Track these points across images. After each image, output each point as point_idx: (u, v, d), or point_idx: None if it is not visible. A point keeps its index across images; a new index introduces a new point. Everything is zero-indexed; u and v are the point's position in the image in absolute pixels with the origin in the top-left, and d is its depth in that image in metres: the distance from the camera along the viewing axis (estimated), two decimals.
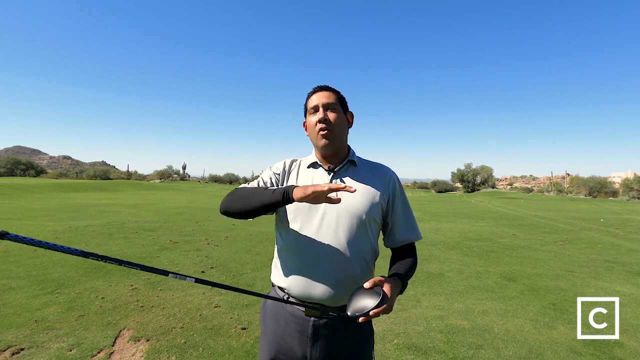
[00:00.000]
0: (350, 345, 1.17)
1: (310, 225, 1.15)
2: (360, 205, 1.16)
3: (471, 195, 38.12)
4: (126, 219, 9.50)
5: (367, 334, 1.22)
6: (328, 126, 1.19)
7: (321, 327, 1.14)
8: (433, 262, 5.45)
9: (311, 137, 1.26)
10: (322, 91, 1.24)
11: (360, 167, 1.26)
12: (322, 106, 1.20)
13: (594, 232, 9.10)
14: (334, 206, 1.15)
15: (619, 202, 26.98)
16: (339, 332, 1.16)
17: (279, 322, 1.20)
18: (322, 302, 1.14)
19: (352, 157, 1.26)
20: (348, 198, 1.17)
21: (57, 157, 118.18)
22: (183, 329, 2.94)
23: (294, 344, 1.16)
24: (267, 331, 1.24)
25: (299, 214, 1.17)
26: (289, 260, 1.19)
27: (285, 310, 1.19)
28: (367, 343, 1.22)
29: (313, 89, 1.27)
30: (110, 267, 4.65)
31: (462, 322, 3.22)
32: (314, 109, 1.22)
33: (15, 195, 16.93)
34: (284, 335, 1.18)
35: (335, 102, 1.22)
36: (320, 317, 1.14)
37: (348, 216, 1.15)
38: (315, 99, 1.22)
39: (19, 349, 2.52)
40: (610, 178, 41.58)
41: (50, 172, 52.34)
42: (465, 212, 14.84)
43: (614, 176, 47.84)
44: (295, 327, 1.16)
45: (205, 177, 55.75)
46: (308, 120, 1.25)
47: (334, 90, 1.26)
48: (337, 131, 1.20)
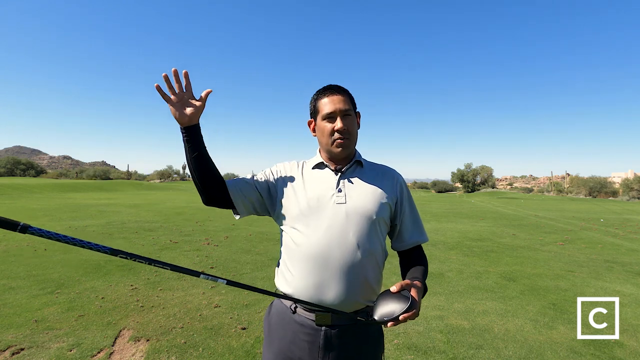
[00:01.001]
0: (362, 353, 1.13)
1: (318, 227, 1.11)
2: (369, 206, 1.13)
3: (471, 195, 38.12)
4: (126, 219, 9.50)
5: (378, 339, 1.18)
6: (346, 135, 1.16)
7: (333, 337, 1.09)
8: (433, 262, 5.45)
9: (321, 141, 1.21)
10: (337, 94, 1.18)
11: (366, 168, 1.24)
12: (340, 113, 1.15)
13: (594, 232, 9.10)
14: (342, 207, 1.12)
15: (619, 202, 26.98)
16: (351, 340, 1.11)
17: (286, 333, 1.14)
18: (334, 306, 1.07)
19: (358, 157, 1.24)
20: (357, 198, 1.14)
21: (57, 157, 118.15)
22: (183, 329, 2.94)
23: (303, 355, 1.10)
24: (272, 342, 1.17)
25: (306, 215, 1.13)
26: (297, 264, 1.12)
27: (293, 320, 1.13)
28: (379, 349, 1.18)
29: (325, 90, 1.20)
30: (110, 267, 4.65)
31: (462, 322, 3.22)
32: (330, 115, 1.16)
33: (15, 195, 16.93)
34: (292, 347, 1.12)
35: (350, 107, 1.18)
36: (332, 325, 1.09)
37: (358, 217, 1.11)
38: (331, 104, 1.16)
39: (19, 349, 2.52)
40: (610, 178, 41.61)
41: (50, 172, 52.37)
42: (465, 212, 14.84)
43: (614, 176, 47.84)
44: (304, 338, 1.10)
45: None
46: (321, 124, 1.19)
47: (347, 91, 1.21)
48: (353, 138, 1.19)
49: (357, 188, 1.17)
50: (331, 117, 1.16)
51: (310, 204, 1.13)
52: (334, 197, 1.14)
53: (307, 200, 1.14)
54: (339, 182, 1.17)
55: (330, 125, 1.16)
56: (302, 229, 1.13)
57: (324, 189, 1.16)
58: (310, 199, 1.14)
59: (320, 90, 1.22)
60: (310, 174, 1.23)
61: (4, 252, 5.34)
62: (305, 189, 1.17)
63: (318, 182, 1.19)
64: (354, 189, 1.16)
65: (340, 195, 1.14)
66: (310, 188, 1.17)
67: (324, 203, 1.13)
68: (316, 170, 1.23)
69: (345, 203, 1.13)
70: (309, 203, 1.13)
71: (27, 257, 5.04)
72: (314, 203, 1.13)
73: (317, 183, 1.18)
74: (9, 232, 6.88)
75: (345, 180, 1.18)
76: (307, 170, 1.24)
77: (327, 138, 1.17)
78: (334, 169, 1.21)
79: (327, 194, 1.14)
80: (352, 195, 1.15)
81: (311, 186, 1.18)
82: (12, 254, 5.19)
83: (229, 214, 11.27)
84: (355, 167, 1.23)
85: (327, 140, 1.17)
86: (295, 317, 1.13)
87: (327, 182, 1.18)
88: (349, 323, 1.11)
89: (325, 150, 1.22)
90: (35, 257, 5.05)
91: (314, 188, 1.17)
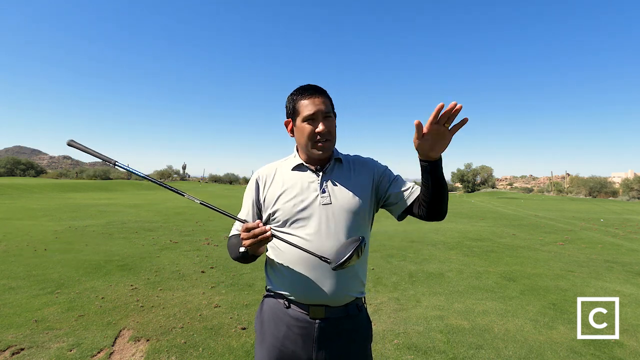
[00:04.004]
0: (354, 344, 1.18)
1: (308, 228, 1.14)
2: (353, 201, 1.17)
3: (471, 195, 38.12)
4: (126, 219, 9.50)
5: (367, 330, 1.23)
6: (327, 137, 1.16)
7: (326, 328, 1.14)
8: (433, 262, 5.45)
9: (301, 143, 1.20)
10: (318, 96, 1.17)
11: (345, 164, 1.26)
12: (321, 115, 1.15)
13: (594, 232, 9.10)
14: (329, 207, 1.15)
15: (619, 202, 26.98)
16: (344, 332, 1.16)
17: (279, 327, 1.17)
18: (327, 302, 1.13)
19: (336, 155, 1.26)
20: (341, 197, 1.17)
21: (57, 157, 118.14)
22: (183, 329, 2.94)
23: (297, 349, 1.14)
24: (265, 337, 1.20)
25: (294, 219, 1.16)
26: (289, 265, 1.16)
27: (287, 314, 1.16)
28: (368, 339, 1.23)
29: (304, 90, 1.19)
30: (110, 267, 4.65)
31: (462, 322, 3.22)
32: (311, 117, 1.15)
33: (15, 195, 16.94)
34: (285, 341, 1.15)
35: (330, 109, 1.19)
36: (325, 317, 1.14)
37: (344, 214, 1.15)
38: (312, 105, 1.15)
39: (19, 349, 2.52)
40: (610, 178, 41.61)
41: (50, 172, 52.38)
42: (465, 212, 14.84)
43: (614, 176, 47.85)
44: (298, 331, 1.14)
45: (205, 177, 55.75)
46: (301, 126, 1.17)
47: (326, 92, 1.21)
48: (334, 140, 1.20)
49: (340, 186, 1.19)
50: (312, 119, 1.16)
51: (297, 208, 1.15)
52: (318, 198, 1.16)
53: (294, 204, 1.16)
54: (322, 183, 1.19)
55: (311, 127, 1.16)
56: (293, 232, 1.15)
57: (308, 192, 1.18)
58: (296, 204, 1.16)
59: (299, 90, 1.20)
60: (291, 176, 1.22)
61: (4, 252, 5.34)
62: (290, 193, 1.18)
63: (301, 185, 1.19)
64: (338, 188, 1.19)
65: (324, 196, 1.16)
66: (295, 192, 1.18)
67: (309, 205, 1.15)
68: (297, 172, 1.23)
69: (330, 203, 1.16)
70: (295, 207, 1.16)
71: (27, 257, 5.04)
72: (300, 206, 1.15)
73: (300, 186, 1.19)
74: (9, 232, 6.92)
75: (329, 181, 1.20)
76: (287, 173, 1.24)
77: (307, 140, 1.17)
78: (314, 169, 1.22)
79: (312, 196, 1.17)
80: (336, 195, 1.17)
81: (295, 190, 1.18)
82: (12, 254, 5.19)
83: None
84: (334, 165, 1.24)
85: (308, 142, 1.17)
86: (290, 312, 1.17)
87: (310, 184, 1.19)
88: (342, 315, 1.16)
89: (304, 152, 1.22)
90: (35, 257, 5.05)
91: (298, 192, 1.18)
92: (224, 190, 31.86)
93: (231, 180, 52.28)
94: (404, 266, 5.20)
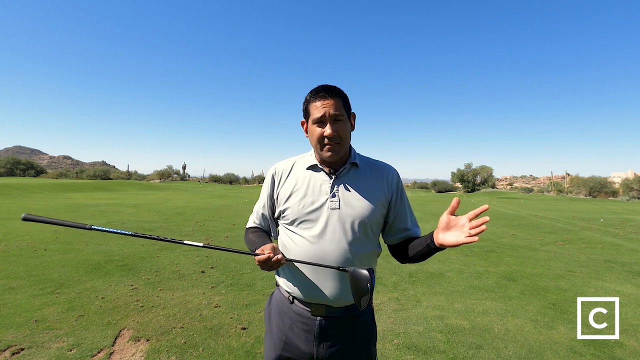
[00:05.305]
0: (355, 342, 1.19)
1: (313, 231, 1.15)
2: (362, 209, 1.16)
3: (471, 195, 38.13)
4: (126, 219, 9.50)
5: (370, 330, 1.23)
6: (336, 141, 1.15)
7: (327, 326, 1.16)
8: (433, 262, 5.45)
9: (312, 144, 1.21)
10: (328, 99, 1.14)
11: (362, 169, 1.23)
12: (329, 118, 1.13)
13: (594, 232, 9.10)
14: (336, 211, 1.16)
15: (619, 202, 26.98)
16: (344, 330, 1.18)
17: (285, 321, 1.21)
18: (327, 303, 1.16)
19: (353, 159, 1.22)
20: (350, 203, 1.17)
21: (57, 157, 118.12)
22: (183, 329, 2.94)
23: (300, 343, 1.17)
24: (272, 329, 1.25)
25: (302, 219, 1.18)
26: (294, 265, 1.19)
27: (291, 309, 1.21)
28: (371, 339, 1.23)
29: (316, 92, 1.17)
30: (110, 267, 4.65)
31: (462, 322, 3.22)
32: (320, 120, 1.14)
33: (15, 195, 16.94)
34: (290, 334, 1.19)
35: (342, 112, 1.15)
36: (327, 315, 1.16)
37: (351, 220, 1.15)
38: (321, 108, 1.13)
39: (19, 349, 2.52)
40: (610, 178, 41.59)
41: (50, 172, 52.37)
42: (465, 212, 14.81)
43: (614, 176, 47.82)
44: (301, 327, 1.18)
45: (205, 177, 55.74)
46: (311, 127, 1.18)
47: (340, 94, 1.17)
48: (344, 143, 1.17)
49: (351, 192, 1.19)
50: (321, 122, 1.15)
51: (306, 209, 1.17)
52: (327, 202, 1.17)
53: (303, 205, 1.18)
54: (333, 186, 1.19)
55: (320, 130, 1.15)
56: (299, 232, 1.18)
57: (318, 194, 1.18)
58: (306, 205, 1.17)
59: (312, 92, 1.19)
60: (305, 176, 1.23)
61: (4, 252, 5.34)
62: (301, 193, 1.20)
63: (313, 187, 1.20)
64: (348, 194, 1.18)
65: (334, 200, 1.17)
66: (306, 193, 1.19)
67: (318, 208, 1.16)
68: (310, 171, 1.23)
69: (339, 209, 1.16)
70: (305, 208, 1.17)
71: (27, 257, 5.04)
72: (309, 208, 1.17)
73: (312, 187, 1.20)
74: (9, 232, 6.92)
75: (341, 186, 1.19)
76: (302, 171, 1.24)
77: (317, 143, 1.18)
78: (328, 172, 1.21)
79: (322, 199, 1.17)
80: (345, 201, 1.17)
81: (306, 191, 1.20)
82: (12, 254, 5.19)
83: (229, 214, 11.29)
84: (350, 170, 1.22)
85: (317, 144, 1.18)
86: (293, 307, 1.20)
87: (321, 186, 1.20)
88: (343, 314, 1.18)
89: (316, 152, 1.23)
90: (35, 257, 5.05)
91: (309, 193, 1.19)
92: (223, 190, 31.86)
93: (231, 180, 52.27)
94: (404, 266, 5.19)
